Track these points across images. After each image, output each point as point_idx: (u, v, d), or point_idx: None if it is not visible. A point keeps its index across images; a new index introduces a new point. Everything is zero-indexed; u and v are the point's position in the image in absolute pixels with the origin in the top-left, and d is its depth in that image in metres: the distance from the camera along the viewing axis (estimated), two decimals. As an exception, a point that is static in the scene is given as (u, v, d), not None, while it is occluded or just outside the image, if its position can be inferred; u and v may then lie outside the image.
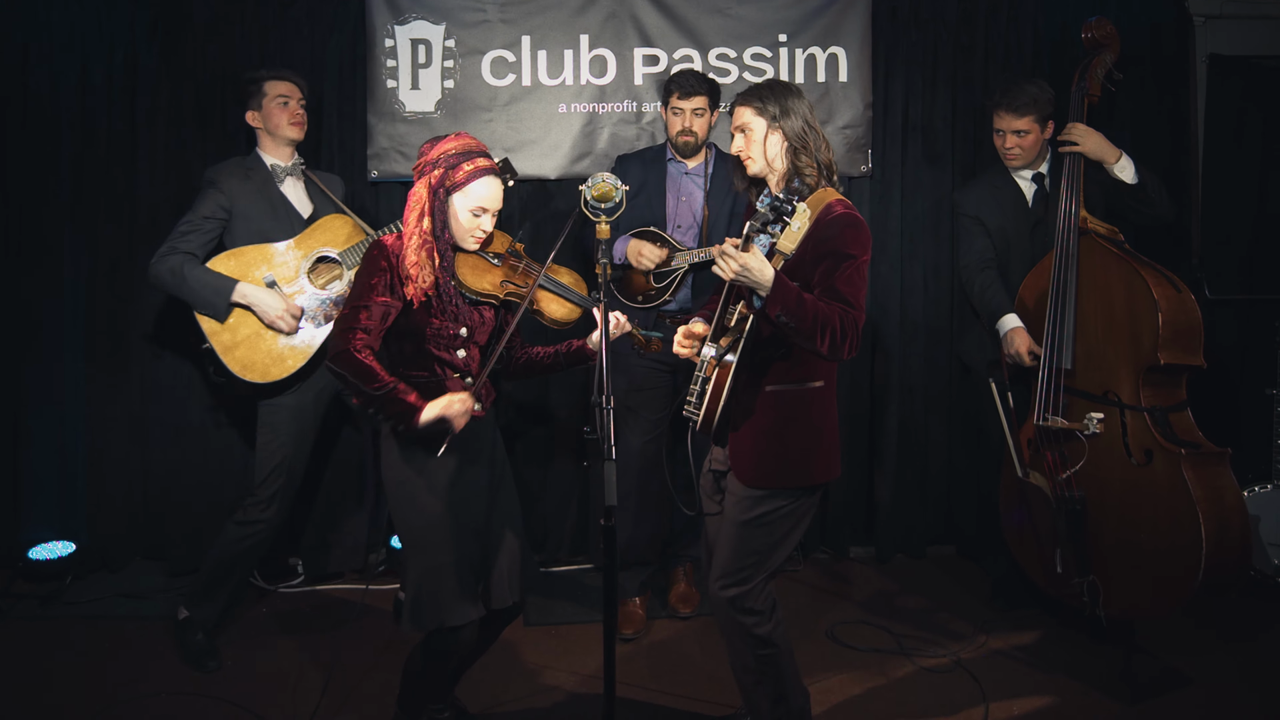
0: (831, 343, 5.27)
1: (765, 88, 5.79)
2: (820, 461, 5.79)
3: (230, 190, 7.39)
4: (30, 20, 8.59)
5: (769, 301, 5.25)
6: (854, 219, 5.48)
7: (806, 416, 5.74)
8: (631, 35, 8.96)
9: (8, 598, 8.29)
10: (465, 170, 5.66)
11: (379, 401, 5.46)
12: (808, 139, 5.64)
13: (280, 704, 6.86)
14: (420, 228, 5.63)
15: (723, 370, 5.64)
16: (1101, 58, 7.60)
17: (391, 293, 5.60)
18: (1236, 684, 7.11)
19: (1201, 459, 6.77)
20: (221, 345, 7.32)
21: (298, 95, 7.51)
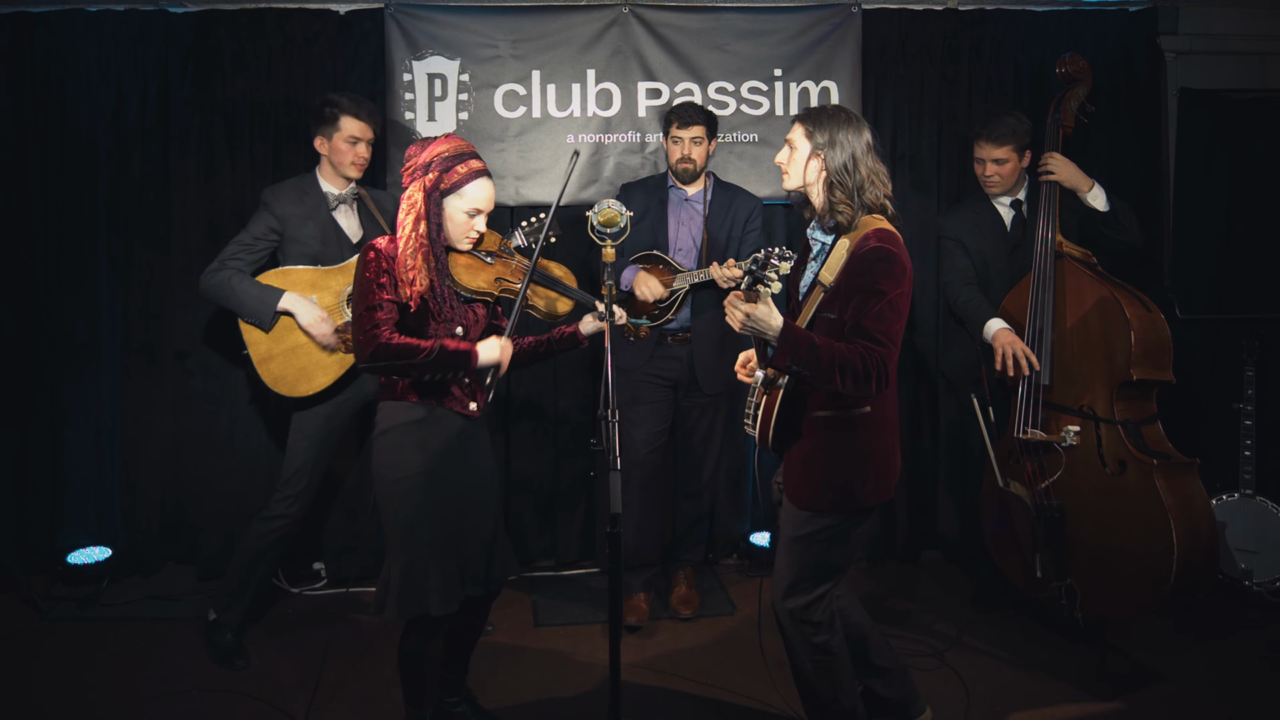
0: (854, 382, 5.24)
1: (824, 114, 5.68)
2: (867, 486, 5.69)
3: (283, 214, 7.42)
4: (69, 56, 8.65)
5: (777, 353, 5.28)
6: (886, 253, 5.40)
7: (853, 442, 5.68)
8: (635, 70, 8.99)
9: (48, 600, 8.31)
10: (460, 172, 5.65)
11: (434, 365, 5.49)
12: (847, 177, 5.54)
13: (303, 700, 6.88)
14: (416, 232, 5.60)
15: (771, 396, 5.70)
16: (1075, 91, 7.65)
17: (395, 290, 5.57)
18: (1205, 680, 7.14)
19: (1172, 469, 6.81)
20: (258, 356, 7.38)
21: (368, 137, 7.48)
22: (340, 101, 7.42)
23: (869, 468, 5.69)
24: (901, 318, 5.43)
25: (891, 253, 5.40)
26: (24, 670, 7.36)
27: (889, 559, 9.46)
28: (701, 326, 7.96)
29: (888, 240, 5.46)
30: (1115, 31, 9.28)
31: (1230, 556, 8.37)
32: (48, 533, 8.93)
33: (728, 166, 8.96)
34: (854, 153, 5.56)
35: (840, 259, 5.48)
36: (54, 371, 8.85)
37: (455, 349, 5.52)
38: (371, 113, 7.50)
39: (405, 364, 5.47)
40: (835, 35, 9.06)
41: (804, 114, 5.75)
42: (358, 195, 7.66)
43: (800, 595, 5.75)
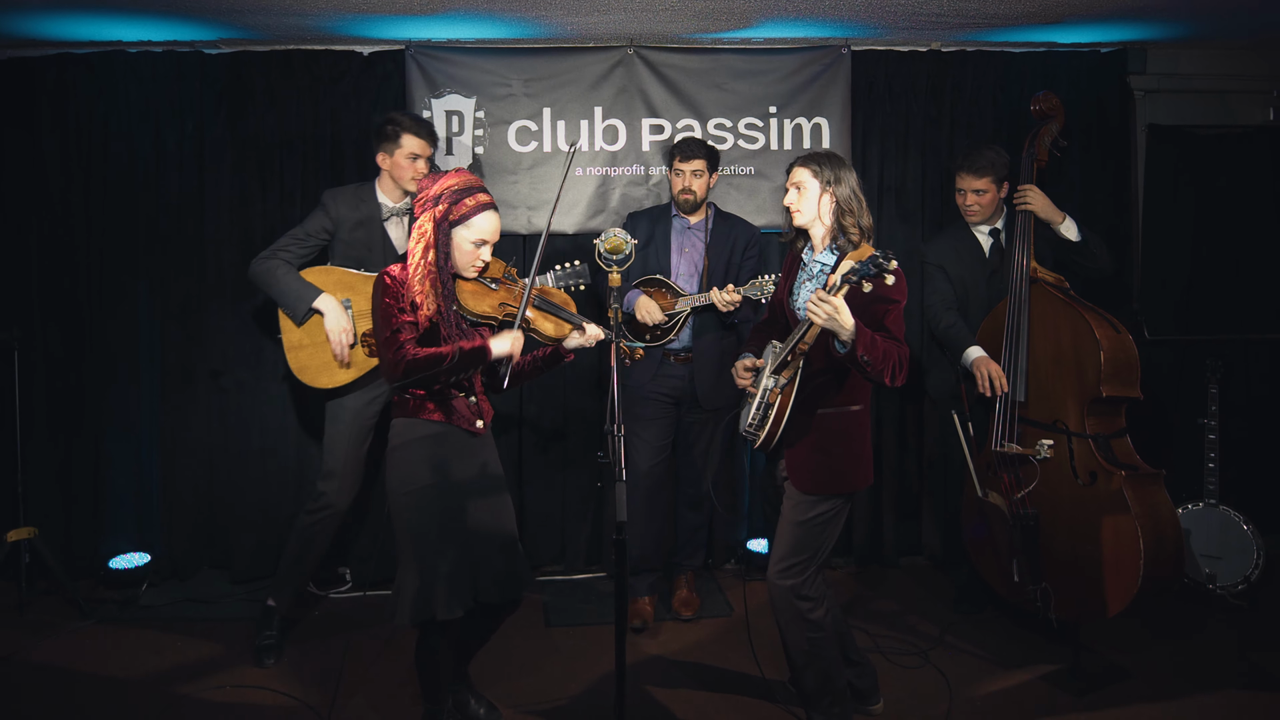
0: (893, 375, 5.61)
1: (824, 156, 6.05)
2: (861, 471, 6.15)
3: (337, 216, 7.49)
4: (110, 94, 8.73)
5: (857, 344, 5.45)
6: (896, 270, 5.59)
7: (849, 434, 6.07)
8: (640, 107, 9.04)
9: (91, 602, 8.36)
10: (468, 205, 5.70)
11: (457, 365, 5.59)
12: (853, 205, 5.89)
13: (327, 696, 6.90)
14: (425, 260, 5.66)
15: (783, 399, 5.88)
16: (1049, 127, 7.70)
17: (411, 312, 5.64)
18: (1171, 677, 7.16)
19: (1140, 480, 6.86)
20: (289, 342, 7.47)
21: (428, 154, 7.49)
22: (403, 120, 7.45)
23: (860, 456, 6.15)
24: (903, 321, 5.88)
25: (899, 270, 5.52)
26: (68, 667, 7.39)
27: (875, 564, 9.49)
28: (702, 347, 8.00)
29: None
30: (1087, 71, 9.33)
31: (1195, 562, 8.39)
32: (91, 539, 8.98)
33: (726, 197, 8.99)
34: (852, 185, 5.93)
35: None
36: (96, 389, 8.91)
37: (471, 348, 5.61)
38: (431, 132, 7.54)
39: (434, 372, 5.55)
40: (826, 75, 9.11)
41: (805, 158, 6.03)
42: (409, 210, 7.64)
43: (797, 574, 6.03)
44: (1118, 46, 9.34)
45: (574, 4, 7.59)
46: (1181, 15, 8.00)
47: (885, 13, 7.96)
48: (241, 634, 7.92)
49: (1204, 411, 8.54)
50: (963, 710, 6.78)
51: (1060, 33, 8.77)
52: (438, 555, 5.71)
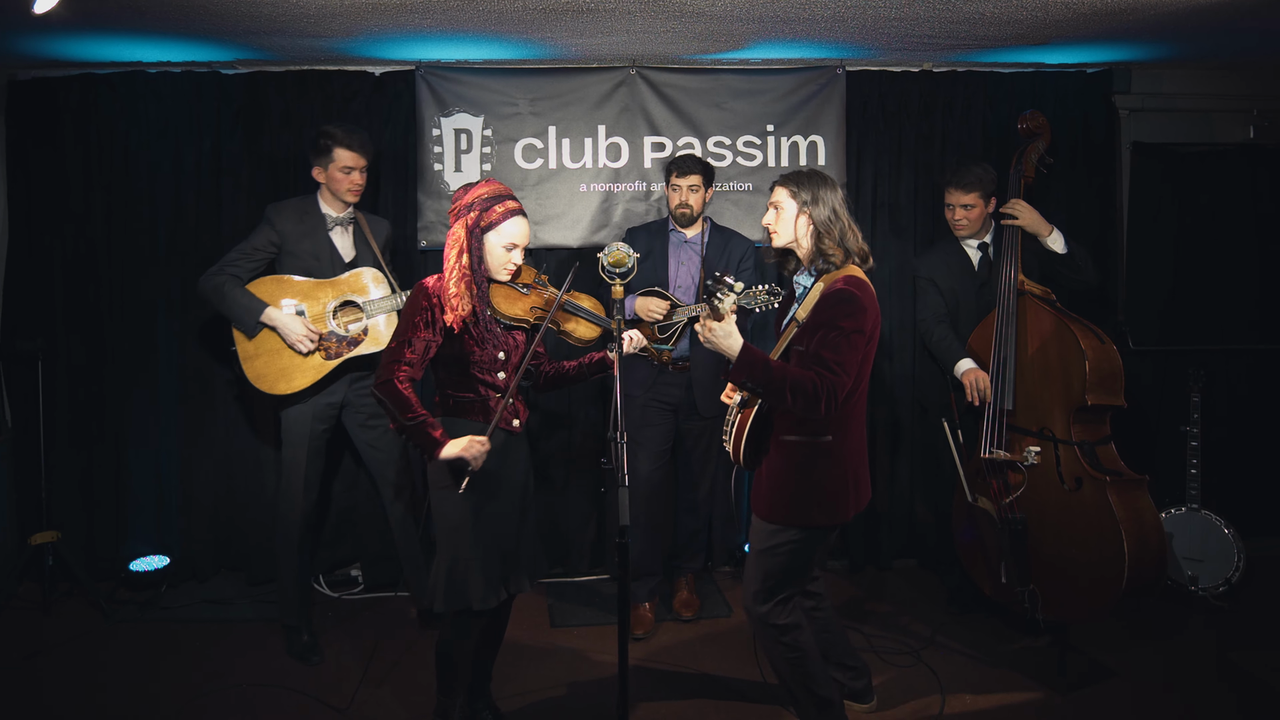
0: (804, 402, 5.36)
1: (804, 176, 5.86)
2: (823, 508, 5.80)
3: (283, 229, 7.52)
4: (131, 112, 8.77)
5: (735, 369, 5.43)
6: (849, 294, 5.51)
7: (814, 467, 5.77)
8: (642, 126, 9.08)
9: (112, 603, 8.40)
10: (498, 211, 5.74)
11: (410, 430, 5.58)
12: (833, 227, 5.71)
13: (342, 692, 6.98)
14: (460, 264, 5.70)
15: (742, 417, 5.84)
16: (1035, 145, 7.73)
17: (432, 328, 5.69)
18: (1154, 676, 7.21)
19: (1124, 485, 6.88)
20: (244, 354, 7.51)
21: (361, 165, 7.52)
22: (334, 133, 7.49)
23: (826, 491, 5.80)
24: (856, 352, 5.52)
25: (855, 295, 5.51)
26: (91, 666, 7.45)
27: (870, 566, 9.51)
28: (699, 356, 8.00)
29: (855, 285, 5.57)
30: (1074, 91, 9.38)
31: (1178, 564, 8.42)
32: (112, 543, 9.02)
33: (724, 213, 9.03)
34: (834, 206, 5.74)
35: (814, 299, 5.61)
36: (117, 398, 8.96)
37: (429, 433, 5.60)
38: (363, 143, 7.56)
39: (394, 413, 5.62)
40: (822, 94, 9.15)
41: (784, 178, 5.90)
42: (353, 219, 7.73)
43: (766, 602, 5.92)
44: (1103, 67, 9.38)
45: (578, 26, 7.62)
46: (1165, 37, 8.03)
47: (879, 34, 7.99)
48: (257, 633, 8.00)
49: (1186, 419, 8.58)
50: (953, 707, 6.82)
51: (1048, 54, 8.81)
52: (473, 547, 5.77)
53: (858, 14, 7.31)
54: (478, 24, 7.55)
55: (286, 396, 7.54)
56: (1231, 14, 7.22)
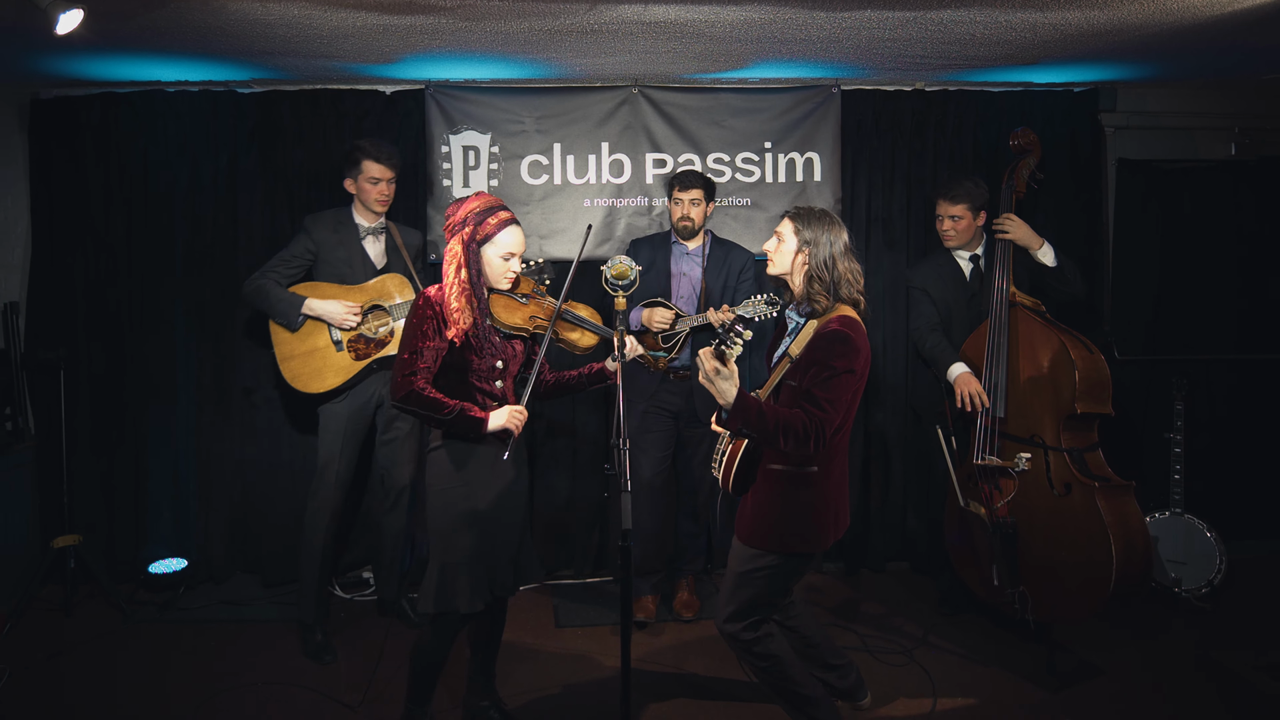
0: (795, 442, 5.35)
1: (812, 214, 5.80)
2: (806, 534, 5.78)
3: (319, 239, 7.62)
4: (150, 130, 8.81)
5: (731, 416, 5.37)
6: (843, 335, 5.49)
7: (797, 496, 5.74)
8: (644, 143, 9.10)
9: (132, 604, 8.42)
10: (492, 224, 5.73)
11: (452, 423, 5.59)
12: (826, 272, 5.65)
13: (355, 690, 7.00)
14: (459, 278, 5.70)
15: (736, 445, 5.83)
16: (1026, 161, 7.76)
17: (439, 335, 5.69)
18: (1140, 674, 7.23)
19: (1111, 490, 6.90)
20: (281, 354, 7.63)
21: (388, 177, 7.61)
22: (363, 146, 7.61)
23: (810, 519, 5.78)
24: (846, 391, 5.49)
25: (848, 336, 5.49)
26: (111, 665, 7.47)
27: (864, 568, 9.51)
28: (700, 365, 8.00)
29: (849, 326, 5.55)
30: (1062, 109, 9.40)
31: (1162, 567, 8.44)
32: (132, 546, 9.04)
33: (724, 227, 9.05)
34: (833, 252, 5.68)
35: (807, 336, 5.62)
36: (137, 406, 8.99)
37: (472, 415, 5.64)
38: (390, 155, 7.63)
39: (430, 416, 5.61)
40: (818, 112, 9.17)
41: (795, 212, 5.85)
42: (385, 228, 7.80)
43: (737, 621, 5.90)
44: (1090, 86, 9.41)
45: (582, 46, 7.64)
46: (1148, 57, 8.05)
47: (873, 55, 8.01)
48: (272, 634, 8.02)
49: (1170, 426, 8.59)
50: (945, 705, 6.83)
51: (1036, 73, 8.82)
52: (463, 550, 5.77)
53: (852, 35, 7.33)
54: (485, 44, 7.57)
55: (321, 395, 7.62)
56: (1213, 35, 7.25)
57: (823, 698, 6.15)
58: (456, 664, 6.81)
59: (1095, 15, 6.74)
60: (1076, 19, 6.85)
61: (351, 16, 6.63)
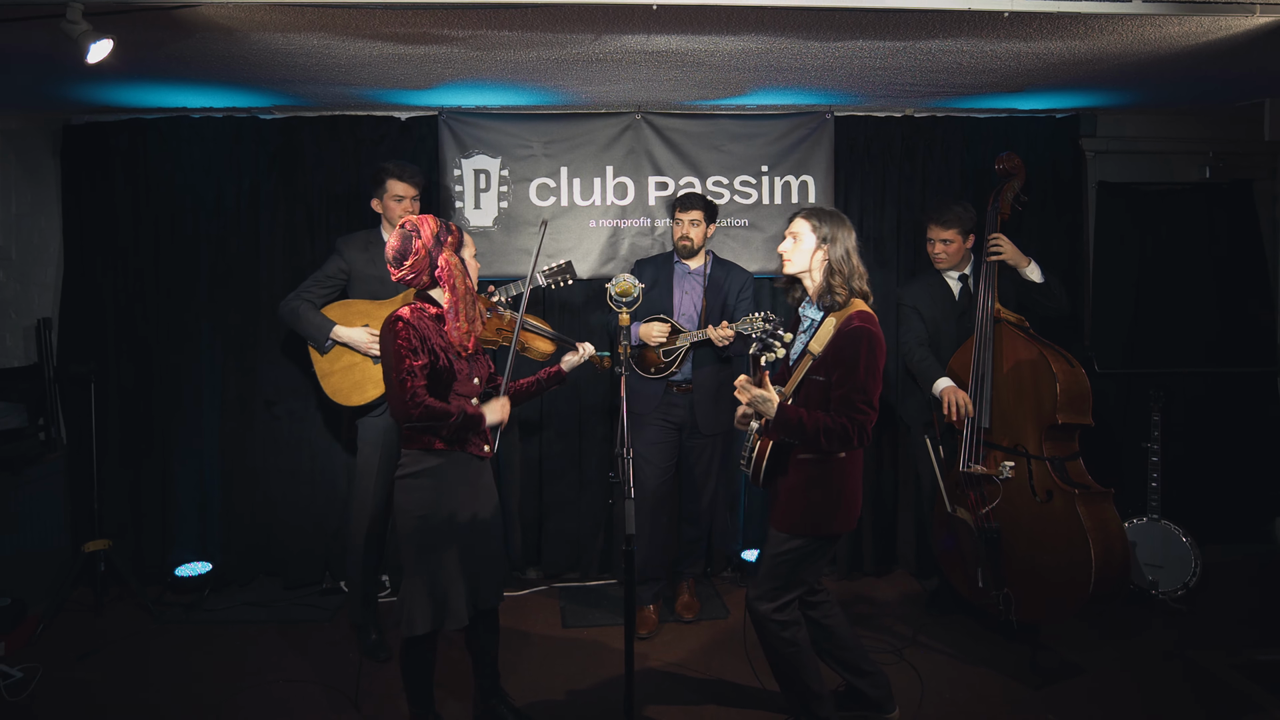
0: (839, 443, 5.47)
1: (826, 213, 5.88)
2: (837, 517, 5.87)
3: (350, 259, 7.63)
4: (176, 154, 8.88)
5: (775, 427, 5.49)
6: (867, 332, 5.59)
7: (828, 481, 5.81)
8: (646, 166, 9.13)
9: (159, 606, 8.47)
10: (455, 230, 5.74)
11: (459, 427, 5.58)
12: (844, 266, 5.77)
13: (371, 688, 7.03)
14: (466, 285, 5.69)
15: (763, 444, 5.88)
16: (1011, 184, 7.78)
17: (421, 351, 5.53)
18: (1118, 672, 7.24)
19: (1091, 497, 6.93)
20: (321, 371, 7.64)
21: (412, 194, 7.61)
22: (387, 167, 7.63)
23: (840, 502, 5.85)
24: (879, 385, 5.62)
25: (872, 332, 5.58)
26: (140, 663, 7.51)
27: (856, 572, 9.49)
28: (700, 378, 8.07)
29: (868, 321, 5.64)
30: (1045, 134, 9.44)
31: (1140, 570, 8.46)
32: (159, 550, 9.08)
33: (723, 246, 9.06)
34: (848, 247, 5.79)
35: (828, 332, 5.66)
36: (164, 418, 9.03)
37: (473, 413, 5.65)
38: (413, 175, 7.65)
39: (439, 424, 5.58)
40: (812, 137, 9.21)
41: (808, 211, 5.90)
42: None
43: (771, 600, 5.93)
44: (1071, 113, 9.46)
45: (588, 74, 7.67)
46: (1128, 85, 8.08)
47: (865, 83, 8.04)
48: (294, 634, 8.05)
49: (1148, 436, 8.62)
50: (933, 702, 6.85)
51: (1020, 100, 8.85)
52: (438, 571, 5.73)
53: (845, 64, 7.37)
54: (495, 73, 7.61)
55: (361, 407, 7.63)
56: (1188, 65, 7.28)
57: (828, 698, 6.16)
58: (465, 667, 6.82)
59: (1076, 45, 6.77)
60: (1059, 49, 6.88)
61: (369, 46, 6.67)
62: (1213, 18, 6.08)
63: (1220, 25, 6.28)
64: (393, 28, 6.24)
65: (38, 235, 9.13)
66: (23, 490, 8.36)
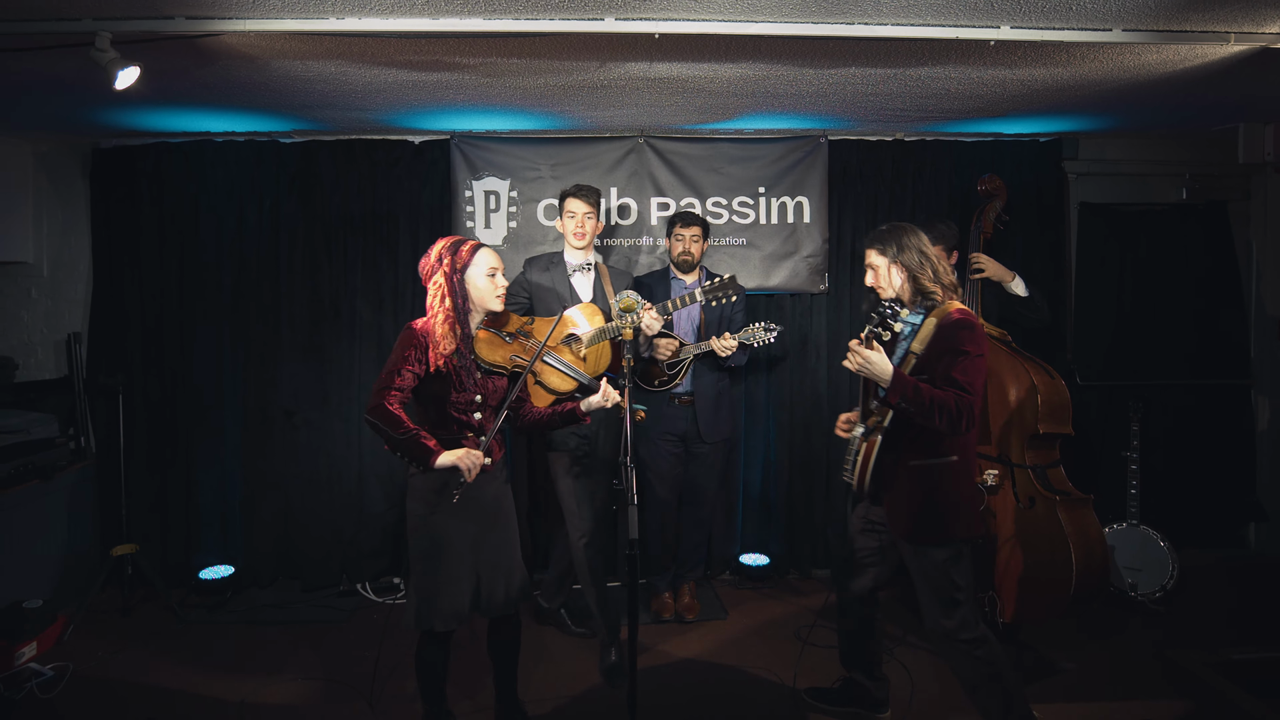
0: (949, 421, 5.33)
1: (886, 232, 5.82)
2: (960, 521, 5.70)
3: (531, 278, 7.52)
4: (200, 176, 8.93)
5: (890, 390, 5.37)
6: (969, 322, 5.53)
7: (944, 486, 5.68)
8: (649, 187, 9.15)
9: (184, 607, 8.49)
10: (465, 251, 5.70)
11: (403, 444, 5.45)
12: (925, 266, 5.69)
13: (384, 686, 7.04)
14: (444, 307, 5.64)
15: (869, 443, 5.81)
16: (993, 204, 7.81)
17: (420, 363, 5.60)
18: (1098, 670, 7.24)
19: (1072, 503, 6.95)
20: None
21: (584, 211, 7.46)
22: (567, 188, 7.58)
23: (960, 505, 5.73)
24: (982, 374, 5.48)
25: (973, 322, 5.52)
26: (164, 662, 7.51)
27: (849, 576, 9.47)
28: (701, 389, 8.11)
29: (967, 314, 5.58)
30: (1029, 157, 9.46)
31: (1119, 573, 8.45)
32: (183, 554, 9.11)
33: (721, 264, 9.08)
34: (920, 249, 5.71)
35: (929, 332, 5.61)
36: (188, 427, 9.06)
37: (423, 443, 5.48)
38: (587, 194, 7.51)
39: (387, 432, 5.47)
40: (807, 160, 9.23)
41: (870, 239, 5.87)
42: (591, 264, 7.63)
43: (948, 618, 5.75)
44: (1054, 136, 9.48)
45: (593, 100, 7.69)
46: (1108, 110, 8.10)
47: (857, 108, 8.06)
48: (311, 633, 8.07)
49: (1127, 445, 8.62)
50: (922, 698, 6.86)
51: (1005, 125, 8.87)
52: (439, 571, 5.71)
53: (838, 90, 7.39)
54: (505, 99, 7.63)
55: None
56: (1166, 91, 7.31)
57: None
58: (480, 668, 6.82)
59: (1059, 72, 6.79)
60: (1042, 75, 6.90)
61: (383, 73, 6.70)
62: (1189, 46, 6.10)
63: (1196, 53, 6.30)
64: (407, 55, 6.26)
65: (68, 253, 9.22)
66: (54, 496, 8.40)
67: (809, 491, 9.50)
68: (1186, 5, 5.48)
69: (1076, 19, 5.72)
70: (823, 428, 9.39)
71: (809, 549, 9.54)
